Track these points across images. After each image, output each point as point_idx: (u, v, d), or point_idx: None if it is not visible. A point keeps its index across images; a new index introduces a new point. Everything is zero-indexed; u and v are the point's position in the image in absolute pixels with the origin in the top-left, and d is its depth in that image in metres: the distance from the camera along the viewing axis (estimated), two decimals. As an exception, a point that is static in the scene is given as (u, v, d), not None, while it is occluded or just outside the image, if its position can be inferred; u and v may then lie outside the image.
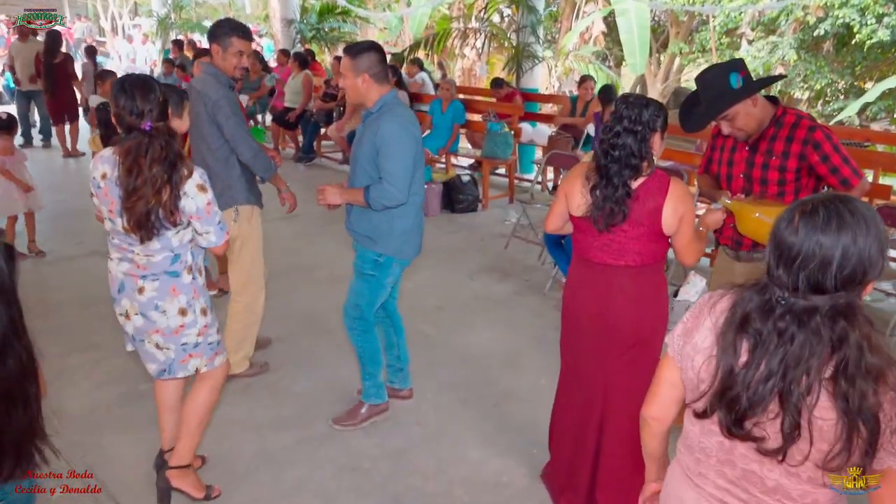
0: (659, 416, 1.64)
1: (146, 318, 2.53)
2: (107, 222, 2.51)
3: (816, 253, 1.28)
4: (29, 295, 4.83)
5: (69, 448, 3.16)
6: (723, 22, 13.22)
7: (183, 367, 2.63)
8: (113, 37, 22.38)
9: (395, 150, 2.93)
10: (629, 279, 2.49)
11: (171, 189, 2.34)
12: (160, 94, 2.37)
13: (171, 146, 2.35)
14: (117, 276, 2.55)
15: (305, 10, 13.85)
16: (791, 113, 2.75)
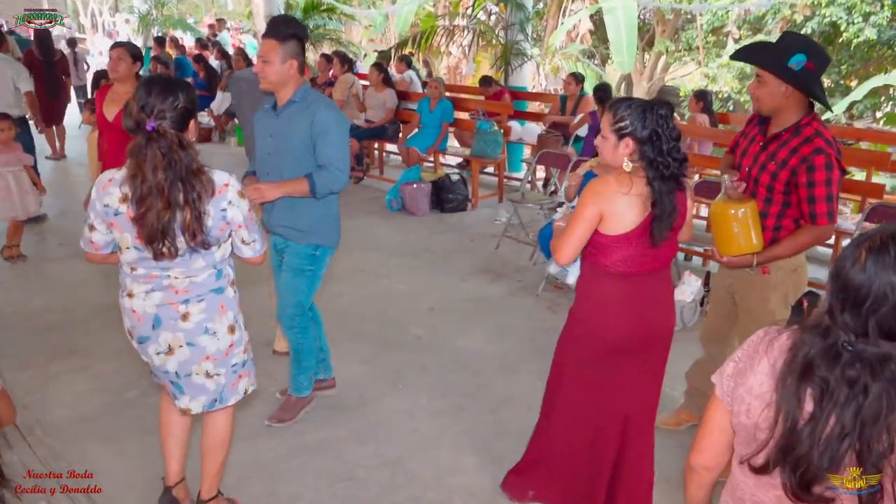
0: (710, 464, 1.48)
1: (195, 346, 2.31)
2: (127, 252, 2.22)
3: (889, 295, 1.15)
4: (10, 300, 4.71)
5: (53, 459, 3.06)
6: (709, 20, 13.24)
7: (234, 392, 2.46)
8: (93, 33, 22.06)
9: (336, 135, 2.98)
10: (665, 280, 2.52)
11: (191, 209, 2.12)
12: (183, 101, 2.16)
13: (175, 154, 2.10)
14: (147, 311, 2.27)
15: (290, 7, 13.68)
16: (813, 127, 2.63)
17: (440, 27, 11.62)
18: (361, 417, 3.47)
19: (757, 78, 2.68)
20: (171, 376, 2.36)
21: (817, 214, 2.61)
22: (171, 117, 2.13)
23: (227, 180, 2.23)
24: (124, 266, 2.28)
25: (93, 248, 2.30)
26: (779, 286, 2.83)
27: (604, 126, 2.35)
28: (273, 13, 12.93)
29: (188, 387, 2.37)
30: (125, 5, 22.50)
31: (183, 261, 2.22)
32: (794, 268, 2.83)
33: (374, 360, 4.06)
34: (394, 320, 4.62)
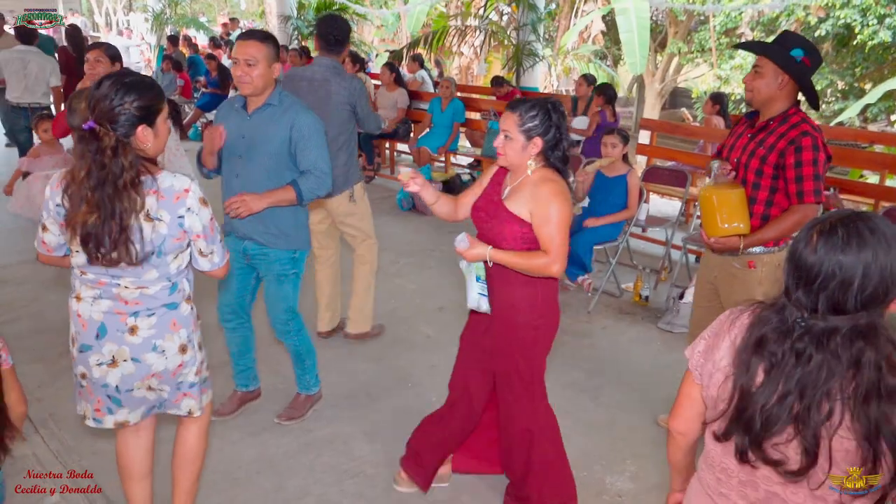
0: (683, 429, 1.62)
1: (140, 363, 2.13)
2: (77, 255, 2.07)
3: (836, 273, 1.26)
4: (24, 294, 4.75)
5: (65, 452, 3.09)
6: (722, 22, 13.18)
7: (176, 406, 2.28)
8: (107, 32, 22.21)
9: (318, 140, 2.96)
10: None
11: (116, 222, 1.95)
12: (134, 103, 1.96)
13: (104, 159, 1.93)
14: (93, 318, 2.11)
15: (302, 7, 13.75)
16: (800, 115, 2.78)
17: (452, 27, 11.64)
18: (370, 415, 3.48)
19: (754, 69, 2.81)
20: (109, 390, 2.16)
21: (804, 192, 2.70)
22: (113, 119, 1.95)
23: (187, 185, 2.06)
24: (74, 268, 2.15)
25: (45, 248, 2.18)
26: (763, 281, 2.88)
27: (509, 127, 2.36)
28: (286, 13, 13.00)
29: (128, 400, 2.20)
30: (139, 4, 22.62)
31: (134, 270, 2.06)
32: (778, 263, 2.88)
33: (384, 357, 4.07)
34: (403, 319, 4.63)
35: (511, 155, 2.37)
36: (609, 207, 4.85)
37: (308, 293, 4.94)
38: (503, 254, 2.35)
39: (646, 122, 8.21)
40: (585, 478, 3.06)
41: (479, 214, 2.51)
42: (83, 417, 2.27)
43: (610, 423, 3.48)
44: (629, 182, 4.85)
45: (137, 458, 2.41)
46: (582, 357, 4.20)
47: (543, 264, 2.34)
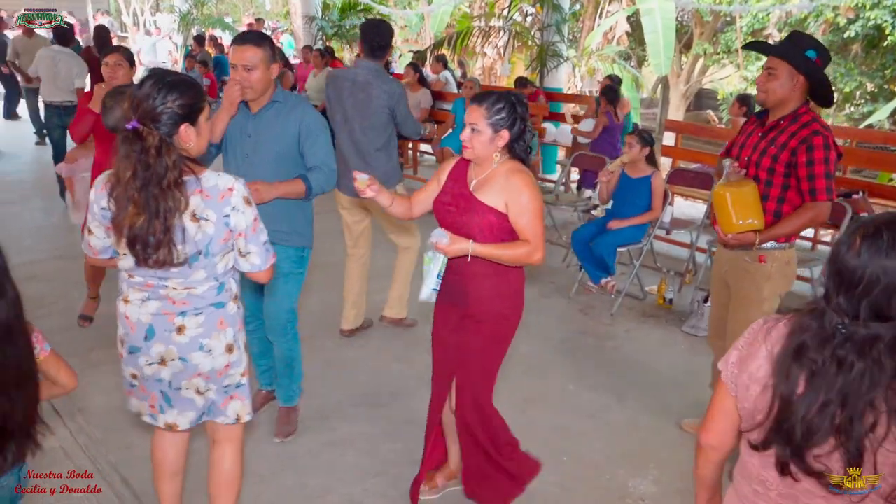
0: (716, 444, 1.56)
1: (187, 362, 2.13)
2: (124, 258, 2.08)
3: (880, 278, 1.22)
4: (53, 290, 4.83)
5: (93, 445, 3.14)
6: (749, 23, 13.04)
7: (222, 412, 2.26)
8: (135, 32, 22.48)
9: (325, 136, 2.99)
10: None
11: (160, 222, 1.93)
12: (175, 101, 1.95)
13: (149, 158, 1.92)
14: (141, 320, 2.11)
15: (327, 7, 13.83)
16: (810, 115, 2.82)
17: (476, 28, 11.63)
18: (393, 414, 3.50)
19: (767, 70, 2.83)
20: (163, 385, 2.18)
21: (817, 190, 2.75)
22: (157, 118, 1.94)
23: (231, 184, 2.05)
24: (122, 271, 2.15)
25: (91, 251, 2.19)
26: (773, 276, 2.94)
27: (476, 120, 2.37)
28: (310, 13, 13.08)
29: (177, 400, 2.21)
30: (166, 4, 22.87)
31: (182, 271, 2.05)
32: (787, 261, 2.96)
33: (407, 357, 4.08)
34: (427, 318, 4.63)
35: (478, 147, 2.39)
36: (633, 209, 4.83)
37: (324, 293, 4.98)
38: (485, 247, 2.37)
39: (671, 124, 8.15)
40: (608, 481, 3.05)
41: (448, 209, 2.49)
42: (138, 414, 2.30)
43: (633, 426, 3.47)
44: (654, 183, 4.82)
45: (171, 455, 2.41)
46: (605, 360, 4.18)
47: (526, 253, 2.37)
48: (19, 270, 1.73)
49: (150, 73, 2.02)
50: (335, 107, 4.01)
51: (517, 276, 2.53)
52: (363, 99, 3.89)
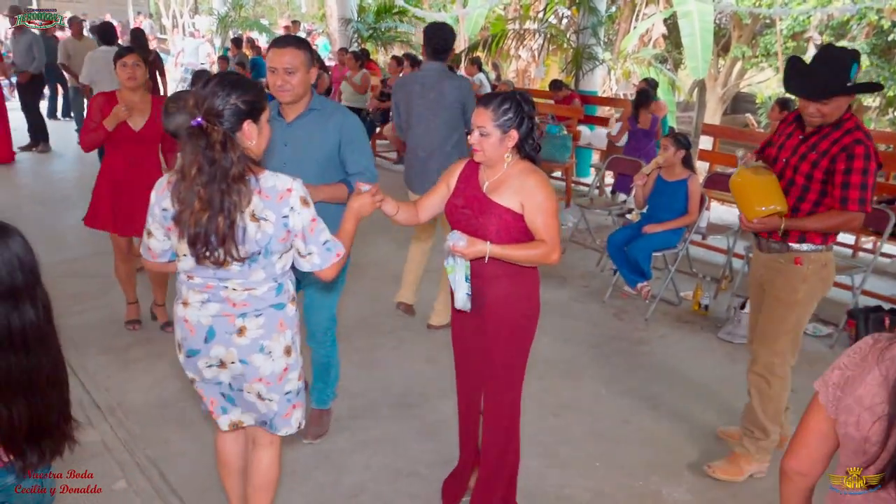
0: (806, 471, 1.43)
1: (248, 364, 2.14)
2: (184, 259, 2.09)
3: None
4: (90, 287, 4.93)
5: (132, 440, 3.20)
6: (790, 25, 12.83)
7: (286, 423, 2.27)
8: (174, 34, 22.89)
9: (365, 142, 2.97)
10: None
11: (224, 216, 1.96)
12: (239, 99, 1.98)
13: (215, 154, 1.94)
14: (201, 322, 2.12)
15: (363, 10, 13.93)
16: (853, 121, 2.75)
17: (510, 31, 11.62)
18: (424, 415, 3.51)
19: (818, 103, 2.70)
20: (223, 388, 2.22)
21: (849, 199, 2.69)
22: (221, 114, 1.96)
23: (289, 185, 2.05)
24: (181, 273, 2.16)
25: (150, 255, 2.21)
26: (809, 278, 2.87)
27: (484, 122, 2.35)
28: (347, 16, 13.19)
29: (240, 400, 2.24)
30: (204, 7, 23.24)
31: (241, 272, 2.06)
32: (825, 263, 2.89)
33: (438, 358, 4.09)
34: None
35: (489, 150, 2.37)
36: (669, 213, 4.78)
37: (358, 294, 5.02)
38: (502, 248, 2.35)
39: (708, 128, 8.05)
40: (641, 487, 3.02)
41: (463, 212, 2.47)
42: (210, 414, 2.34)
43: (668, 432, 3.43)
44: (690, 187, 4.76)
45: (234, 452, 2.46)
46: (639, 365, 4.14)
47: (544, 253, 2.36)
48: (62, 267, 1.77)
49: (215, 74, 2.08)
50: (406, 110, 4.16)
51: (533, 277, 2.51)
52: (434, 98, 4.05)
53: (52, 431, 1.67)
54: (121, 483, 2.92)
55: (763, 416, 3.00)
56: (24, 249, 1.57)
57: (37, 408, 1.61)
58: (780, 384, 2.98)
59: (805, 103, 2.73)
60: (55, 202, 7.28)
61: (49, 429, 1.66)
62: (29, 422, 1.60)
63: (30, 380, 1.58)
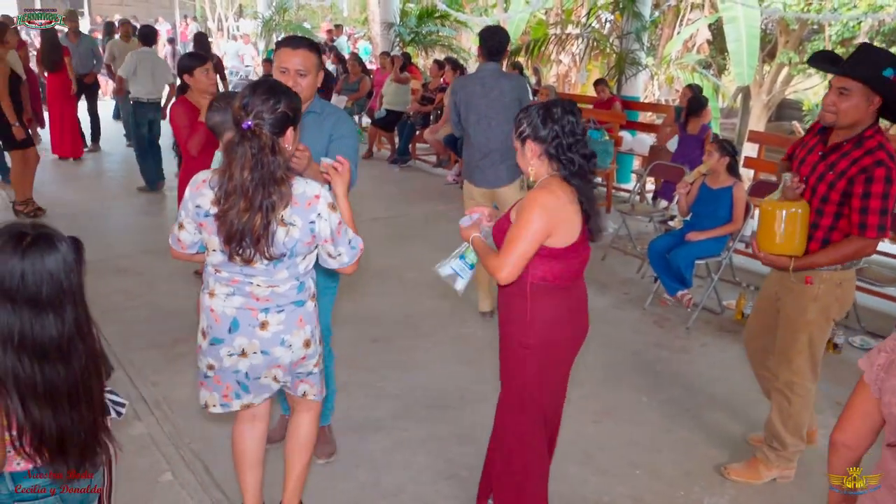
0: (854, 444, 1.51)
1: (268, 355, 2.25)
2: (213, 255, 2.19)
3: None
4: (140, 283, 5.06)
5: (177, 434, 3.27)
6: (839, 31, 12.56)
7: (292, 389, 2.43)
8: (219, 37, 23.31)
9: (354, 141, 2.90)
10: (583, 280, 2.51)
11: (262, 215, 2.03)
12: (284, 106, 2.06)
13: (264, 157, 2.02)
14: (226, 313, 2.22)
15: (405, 14, 14.02)
16: (877, 140, 2.60)
17: (552, 35, 11.59)
18: (462, 418, 3.51)
19: (840, 90, 2.58)
20: (240, 376, 2.29)
21: (868, 226, 2.60)
22: (269, 120, 2.04)
23: (317, 191, 2.13)
24: (209, 266, 2.25)
25: (179, 246, 2.29)
26: (820, 298, 2.79)
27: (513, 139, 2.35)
28: (389, 20, 13.29)
29: (255, 387, 2.34)
30: (249, 10, 23.62)
31: (266, 270, 2.16)
32: (839, 282, 2.79)
33: (477, 361, 4.10)
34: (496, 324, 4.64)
35: (520, 163, 2.39)
36: (713, 220, 4.71)
37: (392, 296, 5.05)
38: (481, 245, 2.40)
39: (754, 135, 7.92)
40: (682, 497, 2.98)
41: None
42: (205, 406, 2.39)
43: (708, 442, 3.39)
44: (735, 195, 4.69)
45: (252, 446, 2.52)
46: (680, 374, 4.10)
47: (493, 266, 2.27)
48: (109, 264, 1.84)
49: (257, 81, 2.15)
50: (467, 108, 4.34)
51: (549, 305, 2.33)
52: (496, 96, 4.29)
53: (76, 443, 1.69)
54: (167, 476, 2.99)
55: (782, 430, 2.96)
56: (60, 265, 1.59)
57: (57, 419, 1.63)
58: (800, 402, 2.92)
59: (829, 97, 2.61)
60: (105, 200, 7.49)
61: (73, 440, 1.68)
62: (48, 430, 1.63)
63: (47, 391, 1.61)
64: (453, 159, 8.88)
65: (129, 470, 2.95)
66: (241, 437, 2.52)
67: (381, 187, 8.05)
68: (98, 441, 1.76)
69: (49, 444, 1.65)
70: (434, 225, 6.85)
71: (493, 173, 4.40)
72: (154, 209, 7.25)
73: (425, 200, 7.80)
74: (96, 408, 1.74)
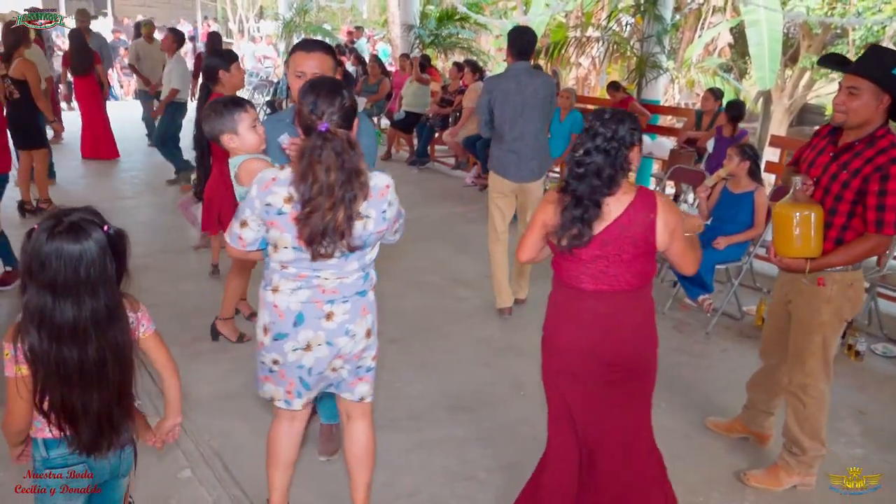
0: None
1: (333, 346, 2.29)
2: (284, 251, 2.19)
3: None
4: (163, 281, 5.10)
5: (198, 431, 3.30)
6: (863, 36, 12.42)
7: (350, 390, 2.42)
8: (240, 38, 23.48)
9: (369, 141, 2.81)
10: (629, 304, 2.33)
11: (345, 210, 2.09)
12: (347, 100, 2.14)
13: (346, 154, 2.08)
14: (291, 308, 2.24)
15: (425, 16, 14.04)
16: (889, 139, 2.63)
17: (571, 38, 11.56)
18: (482, 420, 3.51)
19: (849, 90, 2.62)
20: (303, 372, 2.31)
21: (884, 223, 2.60)
22: (341, 116, 2.11)
23: (388, 182, 2.23)
24: (273, 262, 2.25)
25: (240, 244, 2.25)
26: (833, 300, 2.79)
27: None
28: (409, 22, 13.32)
29: (316, 385, 2.37)
30: (270, 12, 23.78)
31: (338, 262, 2.20)
32: (851, 283, 2.80)
33: (496, 364, 4.10)
34: (515, 327, 4.65)
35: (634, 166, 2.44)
36: (734, 225, 4.68)
37: (414, 296, 5.05)
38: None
39: (776, 140, 7.84)
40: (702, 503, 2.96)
41: None
42: (271, 399, 2.41)
43: (730, 449, 3.36)
44: (756, 200, 4.66)
45: (288, 446, 2.51)
46: (699, 379, 4.07)
47: (697, 260, 2.43)
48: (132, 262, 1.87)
49: (314, 82, 2.18)
50: (503, 106, 4.46)
51: (551, 304, 2.46)
52: (531, 93, 4.47)
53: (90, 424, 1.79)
54: (186, 472, 3.01)
55: (800, 434, 2.94)
56: (81, 256, 1.68)
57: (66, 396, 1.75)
58: (814, 404, 2.91)
59: (838, 96, 2.66)
60: (127, 199, 7.57)
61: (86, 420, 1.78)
62: (56, 404, 1.75)
63: (58, 369, 1.72)
64: (472, 161, 8.88)
65: (148, 466, 2.98)
66: (277, 435, 2.51)
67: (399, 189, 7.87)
68: (114, 426, 1.84)
69: (61, 417, 1.77)
70: (452, 226, 6.85)
71: (527, 168, 4.58)
72: (175, 208, 7.30)
73: (444, 202, 7.81)
74: (113, 394, 1.81)
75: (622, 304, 2.32)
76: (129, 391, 1.87)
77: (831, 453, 3.18)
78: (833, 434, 3.17)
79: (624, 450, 2.45)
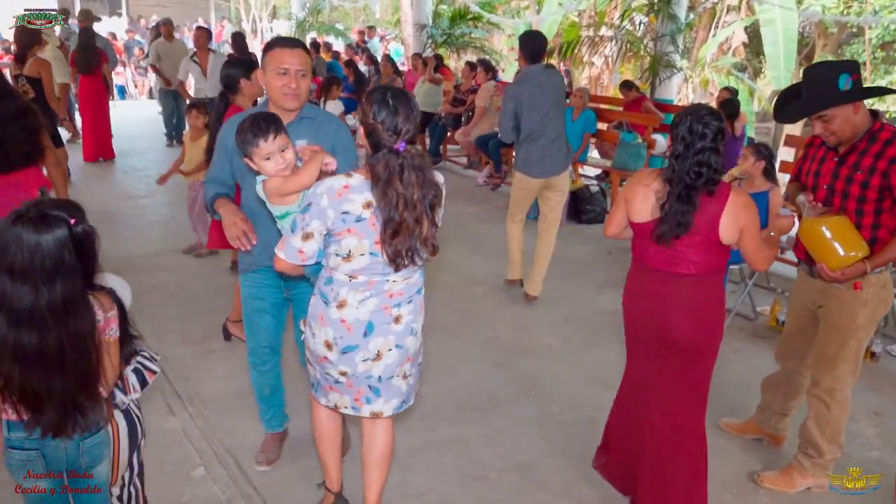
0: None
1: (402, 348, 2.31)
2: (359, 259, 2.16)
3: None
4: (175, 280, 5.13)
5: (210, 429, 3.31)
6: (879, 34, 12.31)
7: (414, 392, 2.48)
8: (253, 38, 23.58)
9: (353, 154, 2.78)
10: (685, 288, 2.48)
11: (429, 220, 2.15)
12: (418, 114, 2.13)
13: (426, 170, 2.11)
14: (360, 319, 2.23)
15: (438, 15, 14.05)
16: (888, 129, 2.65)
17: (584, 37, 11.53)
18: (492, 420, 3.51)
19: (820, 119, 2.65)
20: (372, 381, 2.31)
21: None
22: (413, 133, 2.13)
23: (441, 180, 2.25)
24: (340, 275, 2.21)
25: (300, 257, 2.18)
26: (869, 302, 2.78)
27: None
28: (422, 22, 13.33)
29: (386, 390, 2.35)
30: (283, 12, 23.86)
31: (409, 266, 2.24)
32: (883, 284, 2.80)
33: (506, 364, 4.09)
34: (526, 327, 4.63)
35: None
36: (748, 226, 4.64)
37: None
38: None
39: (791, 139, 7.77)
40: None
41: None
42: (335, 407, 2.42)
43: (742, 450, 3.33)
44: (771, 199, 4.61)
45: (334, 427, 2.59)
46: (713, 380, 4.03)
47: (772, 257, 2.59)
48: (144, 261, 1.88)
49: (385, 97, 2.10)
50: (531, 109, 4.66)
51: (627, 286, 2.75)
52: (552, 91, 4.70)
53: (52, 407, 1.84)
54: (199, 470, 3.03)
55: (819, 437, 2.90)
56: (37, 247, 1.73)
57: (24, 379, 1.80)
58: (839, 408, 2.88)
59: (814, 125, 2.69)
60: (141, 198, 7.61)
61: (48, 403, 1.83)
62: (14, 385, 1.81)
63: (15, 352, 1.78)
64: (484, 161, 8.87)
65: (162, 463, 3.00)
66: (319, 420, 2.57)
67: (411, 188, 8.02)
68: (80, 410, 1.88)
69: (19, 400, 1.82)
70: (464, 226, 6.85)
71: (554, 162, 4.76)
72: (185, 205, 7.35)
73: (456, 202, 7.80)
74: (76, 380, 1.85)
75: (680, 287, 2.48)
76: (94, 378, 1.90)
77: (846, 455, 3.16)
78: (848, 436, 3.13)
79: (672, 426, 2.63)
